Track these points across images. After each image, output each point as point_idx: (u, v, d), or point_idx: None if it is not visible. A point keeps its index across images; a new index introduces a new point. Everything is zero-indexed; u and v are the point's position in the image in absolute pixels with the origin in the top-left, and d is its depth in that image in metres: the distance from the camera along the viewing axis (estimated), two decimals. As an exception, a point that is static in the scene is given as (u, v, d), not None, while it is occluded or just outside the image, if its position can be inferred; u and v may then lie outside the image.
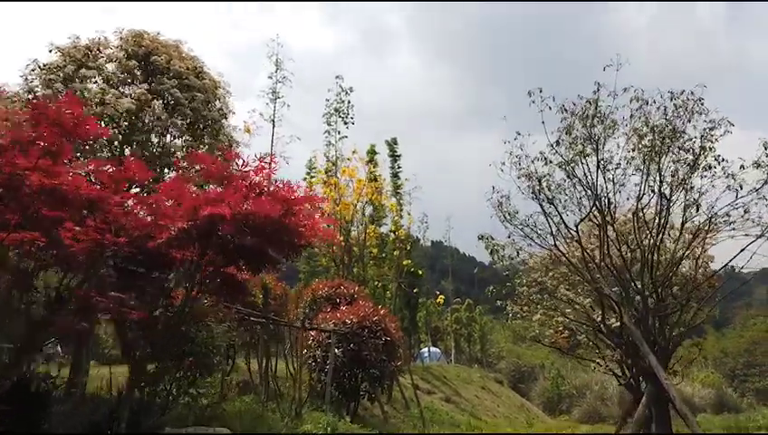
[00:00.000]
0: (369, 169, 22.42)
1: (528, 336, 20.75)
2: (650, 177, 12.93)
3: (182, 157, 9.89)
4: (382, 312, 15.64)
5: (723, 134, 12.38)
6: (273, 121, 25.93)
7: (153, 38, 11.64)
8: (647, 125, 12.10)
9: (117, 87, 10.88)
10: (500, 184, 14.58)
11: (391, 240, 27.30)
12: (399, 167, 32.28)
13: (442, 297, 27.08)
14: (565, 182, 14.00)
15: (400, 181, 32.02)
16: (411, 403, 19.84)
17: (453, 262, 54.68)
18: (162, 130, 10.90)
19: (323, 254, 22.47)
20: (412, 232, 33.46)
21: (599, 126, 12.81)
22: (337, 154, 24.80)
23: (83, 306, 6.85)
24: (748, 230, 12.44)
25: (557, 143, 12.88)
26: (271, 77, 26.41)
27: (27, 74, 10.93)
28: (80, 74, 10.55)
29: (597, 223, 13.84)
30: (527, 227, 14.00)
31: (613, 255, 13.73)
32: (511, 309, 16.65)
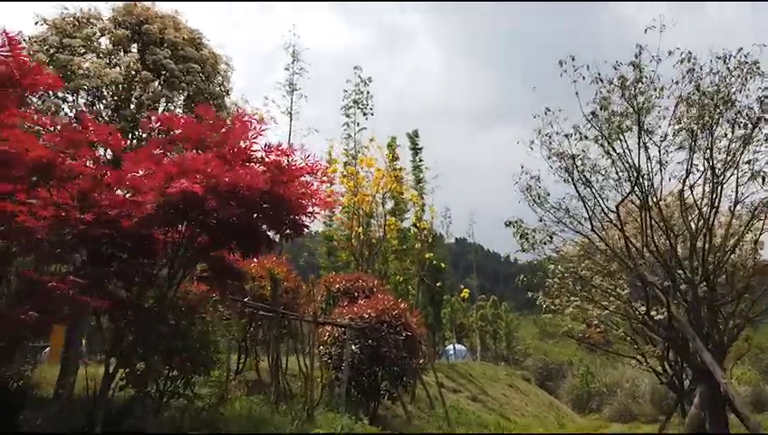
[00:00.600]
0: (388, 158, 21.07)
1: (559, 332, 19.17)
2: (699, 152, 11.34)
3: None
4: (403, 306, 14.29)
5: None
6: (290, 114, 24.85)
7: (146, 7, 10.47)
8: (698, 89, 10.48)
9: (106, 58, 9.72)
10: (528, 172, 13.05)
11: (413, 234, 25.93)
12: (421, 160, 30.84)
13: (467, 291, 25.57)
14: (602, 160, 12.49)
15: (422, 174, 30.64)
16: (436, 402, 18.45)
17: (477, 258, 52.90)
18: (154, 105, 9.68)
19: (342, 248, 21.26)
20: (435, 227, 32.14)
21: (640, 96, 11.26)
22: (356, 147, 23.54)
23: (44, 296, 5.63)
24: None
25: (593, 115, 11.34)
26: (287, 68, 25.35)
27: (10, 48, 9.82)
28: (65, 44, 9.42)
29: (638, 205, 12.30)
30: (560, 211, 12.50)
31: (657, 240, 12.16)
32: (542, 302, 15.16)
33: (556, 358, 52.84)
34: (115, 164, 6.89)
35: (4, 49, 5.15)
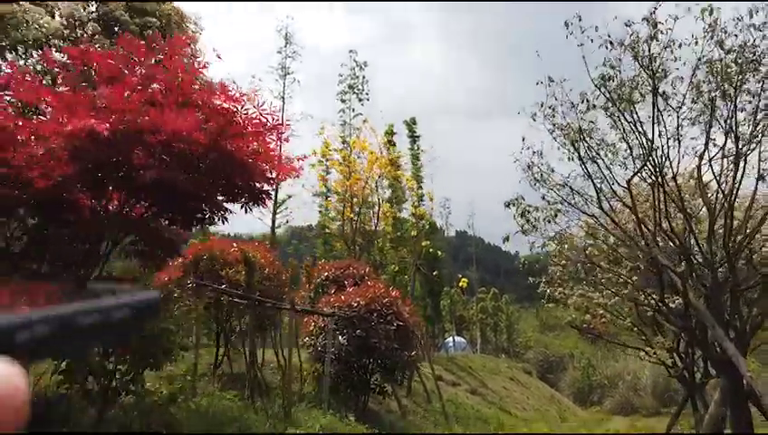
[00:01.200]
0: (383, 142, 19.72)
1: (562, 322, 17.90)
2: (718, 123, 10.01)
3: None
4: (394, 294, 13.01)
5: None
6: (282, 98, 23.59)
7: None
8: (721, 46, 9.12)
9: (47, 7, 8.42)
10: (530, 147, 11.72)
11: (410, 224, 24.62)
12: (419, 148, 29.53)
13: (465, 280, 24.29)
14: (610, 136, 11.18)
15: (420, 162, 29.32)
16: (433, 396, 17.21)
17: (477, 251, 51.55)
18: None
19: (336, 236, 20.01)
20: (434, 217, 30.85)
21: (654, 62, 9.91)
22: (352, 134, 22.19)
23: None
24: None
25: (602, 79, 10.00)
26: (280, 51, 24.09)
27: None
28: (4, -6, 8.18)
29: (650, 182, 10.99)
30: (564, 189, 11.18)
31: (671, 221, 10.85)
32: (544, 290, 13.87)
33: (557, 350, 51.67)
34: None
35: None
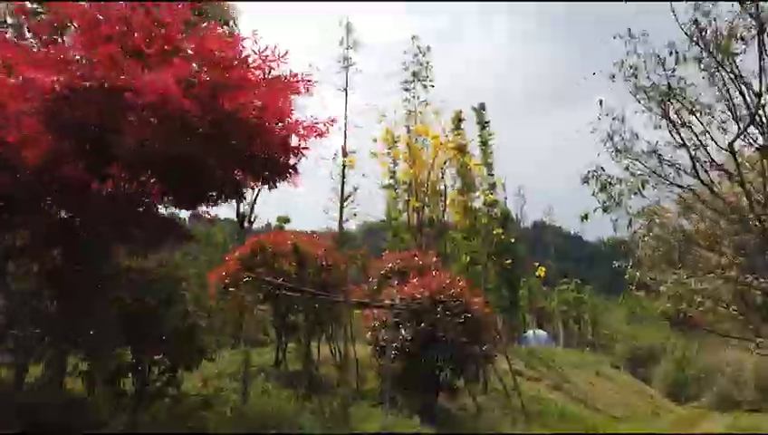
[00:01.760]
0: (449, 126, 18.43)
1: (655, 313, 15.91)
2: None
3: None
4: (462, 284, 11.83)
5: None
6: (345, 91, 22.89)
7: None
8: None
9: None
10: (609, 112, 10.10)
11: (482, 213, 23.13)
12: (490, 134, 27.94)
13: (543, 269, 22.60)
14: (704, 97, 9.41)
15: (490, 150, 27.72)
16: (512, 393, 15.83)
17: (556, 241, 48.88)
18: None
19: (403, 228, 19.04)
20: (508, 207, 29.22)
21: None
22: (417, 121, 21.01)
23: None
24: None
25: (695, 24, 8.31)
26: (341, 42, 23.38)
27: None
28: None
29: (758, 145, 9.16)
30: (652, 158, 9.53)
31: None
32: (633, 275, 12.12)
33: (646, 342, 47.99)
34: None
35: None
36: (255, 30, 4.39)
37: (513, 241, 22.09)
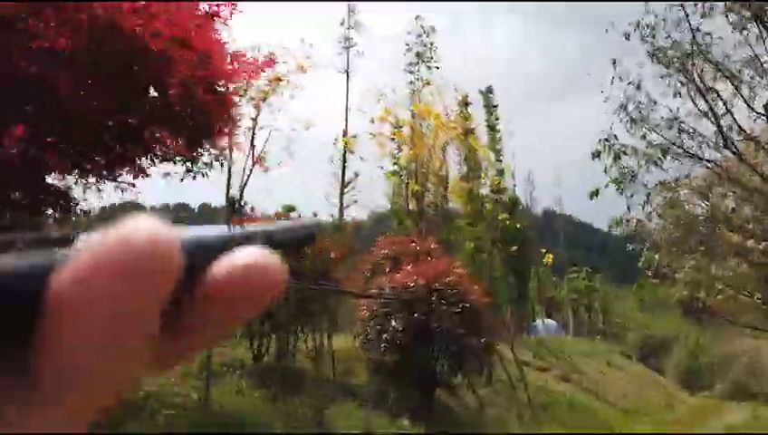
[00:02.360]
0: (454, 106, 17.10)
1: (670, 300, 14.61)
2: None
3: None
4: (459, 271, 10.64)
5: None
6: (346, 73, 21.62)
7: None
8: None
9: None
10: (622, 76, 8.78)
11: (489, 203, 21.76)
12: (497, 118, 26.54)
13: (550, 256, 21.23)
14: (734, 53, 8.08)
15: (498, 134, 26.32)
16: (519, 384, 14.66)
17: (566, 228, 47.27)
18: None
19: (401, 211, 17.81)
20: (516, 193, 27.89)
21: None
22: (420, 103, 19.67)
23: None
24: None
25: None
26: (342, 23, 22.08)
27: None
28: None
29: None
30: (672, 129, 8.22)
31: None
32: (651, 257, 10.82)
33: (658, 331, 46.36)
34: None
35: None
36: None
37: (518, 227, 20.77)
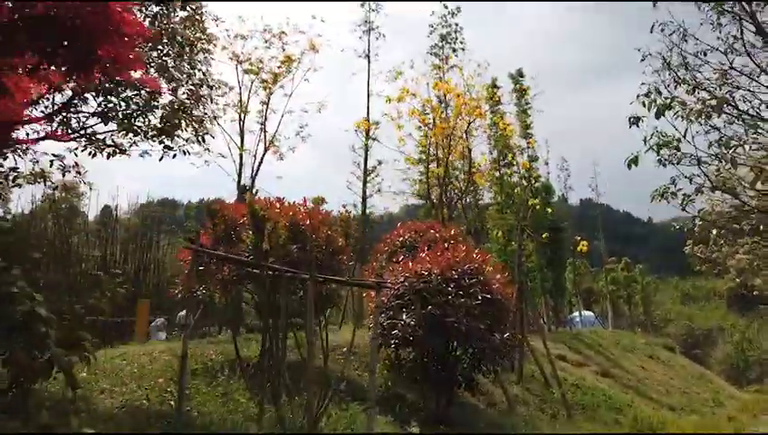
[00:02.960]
0: (474, 86, 15.69)
1: (720, 290, 12.97)
2: None
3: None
4: (480, 258, 9.39)
5: None
6: (367, 57, 20.47)
7: None
8: None
9: None
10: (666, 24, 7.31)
11: (519, 190, 20.24)
12: (528, 103, 24.90)
13: (584, 244, 19.70)
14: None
15: (530, 120, 24.70)
16: (552, 381, 13.31)
17: (604, 218, 44.87)
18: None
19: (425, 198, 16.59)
20: (550, 181, 26.29)
21: None
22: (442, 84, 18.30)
23: None
24: None
25: None
26: (362, 5, 20.94)
27: None
28: None
29: None
30: (723, 86, 6.75)
31: None
32: (693, 252, 9.36)
33: (702, 323, 43.61)
34: None
35: None
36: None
37: (550, 212, 19.20)
